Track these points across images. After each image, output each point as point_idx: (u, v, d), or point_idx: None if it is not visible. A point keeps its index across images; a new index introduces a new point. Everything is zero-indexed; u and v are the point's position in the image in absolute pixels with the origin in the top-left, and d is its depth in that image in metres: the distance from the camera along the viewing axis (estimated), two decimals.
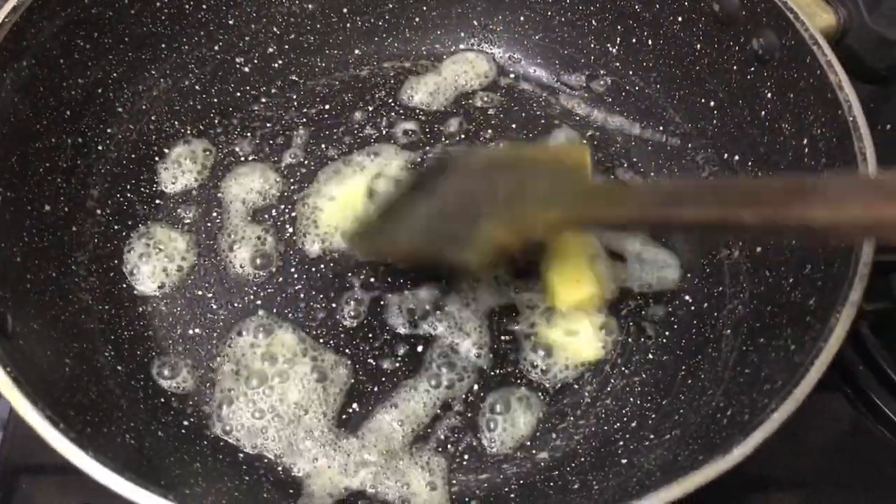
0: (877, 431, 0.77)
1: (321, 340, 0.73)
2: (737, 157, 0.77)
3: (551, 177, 0.64)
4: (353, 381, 0.71)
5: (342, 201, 0.80)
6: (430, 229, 0.67)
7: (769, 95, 0.73)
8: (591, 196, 0.63)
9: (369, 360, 0.72)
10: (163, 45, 0.81)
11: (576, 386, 0.71)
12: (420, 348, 0.72)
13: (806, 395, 0.53)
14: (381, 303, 0.74)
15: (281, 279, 0.76)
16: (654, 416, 0.69)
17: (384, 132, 0.85)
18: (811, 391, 0.54)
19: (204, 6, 0.83)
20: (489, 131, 0.86)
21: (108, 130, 0.78)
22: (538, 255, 0.74)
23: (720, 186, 0.60)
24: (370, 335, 0.73)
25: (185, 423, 0.68)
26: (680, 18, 0.80)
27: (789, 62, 0.70)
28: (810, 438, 0.77)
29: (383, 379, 0.71)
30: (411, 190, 0.71)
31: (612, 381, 0.72)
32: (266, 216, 0.79)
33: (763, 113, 0.74)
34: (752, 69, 0.74)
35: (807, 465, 0.74)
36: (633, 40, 0.85)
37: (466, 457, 0.68)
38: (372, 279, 0.76)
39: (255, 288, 0.75)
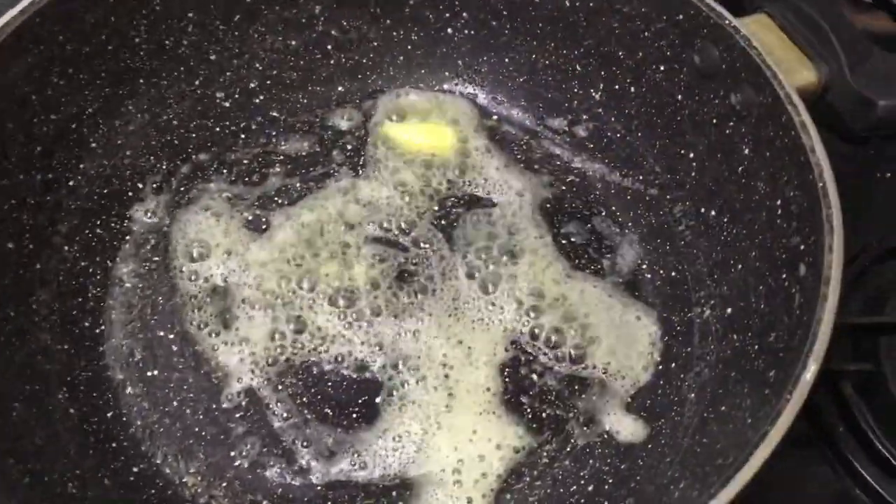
0: (858, 499, 0.75)
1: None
2: (713, 213, 0.76)
3: None
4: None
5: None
6: None
7: (746, 152, 0.71)
8: None
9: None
10: (141, 81, 0.81)
11: (535, 444, 0.70)
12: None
13: (746, 483, 0.51)
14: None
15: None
16: (611, 480, 0.67)
17: (360, 172, 0.84)
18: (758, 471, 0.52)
19: (185, 42, 0.82)
20: (472, 173, 0.85)
21: (81, 166, 0.77)
22: None
23: None
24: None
25: (135, 469, 0.67)
26: (662, 67, 0.78)
27: (766, 120, 0.68)
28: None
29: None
30: None
31: (573, 440, 0.70)
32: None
33: (740, 169, 0.72)
34: (731, 124, 0.73)
35: None
36: (616, 87, 0.83)
37: None
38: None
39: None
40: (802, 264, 0.62)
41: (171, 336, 0.74)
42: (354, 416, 0.71)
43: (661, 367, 0.73)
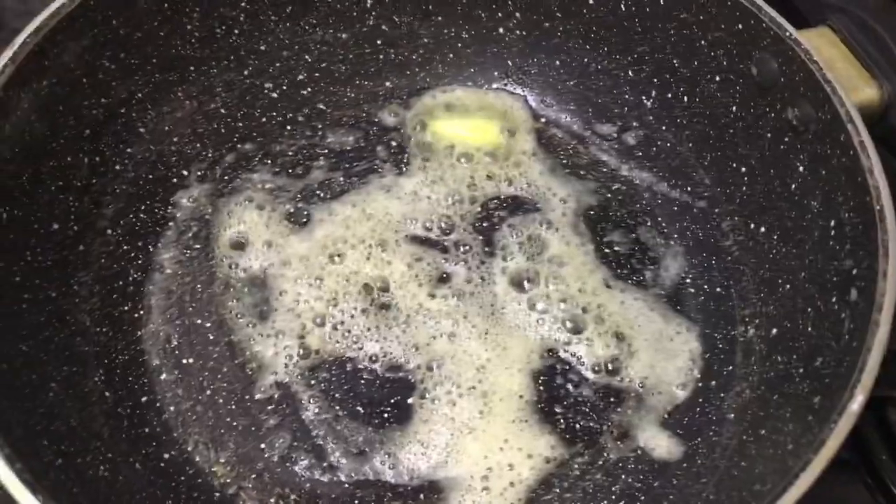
0: None
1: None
2: (763, 229, 0.74)
3: None
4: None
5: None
6: None
7: (801, 169, 0.69)
8: None
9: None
10: (191, 68, 0.81)
11: (567, 455, 0.69)
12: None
13: None
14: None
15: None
16: (643, 497, 0.66)
17: (403, 170, 0.84)
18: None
19: (236, 31, 0.82)
20: (516, 175, 0.84)
21: (128, 150, 0.78)
22: None
23: None
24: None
25: (166, 455, 0.67)
26: (718, 78, 0.76)
27: (824, 137, 0.66)
28: None
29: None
30: None
31: (606, 454, 0.69)
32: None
33: (794, 186, 0.70)
34: (787, 139, 0.71)
35: None
36: (669, 95, 0.82)
37: None
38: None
39: None
40: (854, 289, 0.60)
41: (209, 324, 0.74)
42: (386, 415, 0.70)
43: (700, 384, 0.72)
